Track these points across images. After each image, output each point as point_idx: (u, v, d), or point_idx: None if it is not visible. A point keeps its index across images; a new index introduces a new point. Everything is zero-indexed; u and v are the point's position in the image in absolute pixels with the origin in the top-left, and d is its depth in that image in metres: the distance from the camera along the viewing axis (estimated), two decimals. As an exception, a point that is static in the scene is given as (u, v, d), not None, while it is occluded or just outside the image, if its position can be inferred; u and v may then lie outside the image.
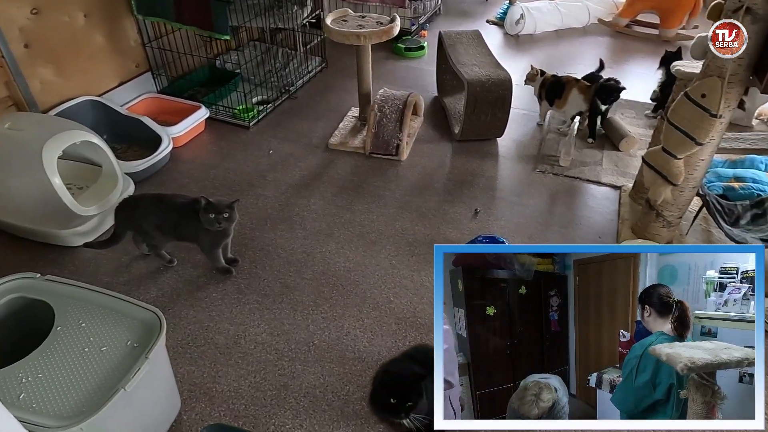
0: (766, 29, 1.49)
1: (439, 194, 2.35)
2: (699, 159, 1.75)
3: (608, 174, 2.44)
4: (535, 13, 3.83)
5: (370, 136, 2.53)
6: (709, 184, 2.34)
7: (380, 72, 3.43)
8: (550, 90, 2.69)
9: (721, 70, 1.56)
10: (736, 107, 2.77)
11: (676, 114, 1.69)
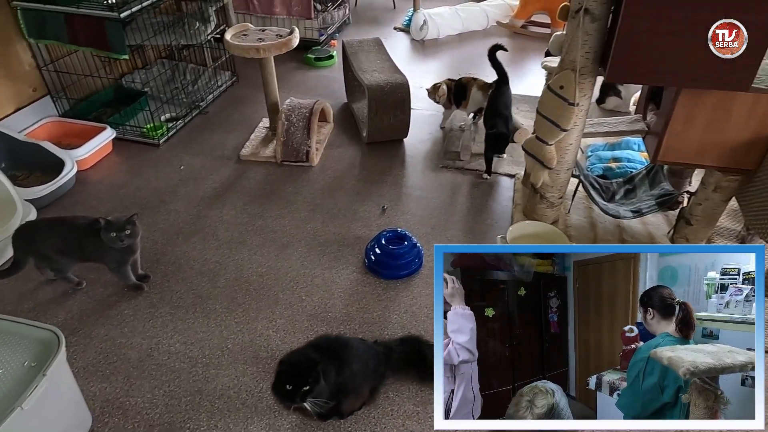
0: (605, 27, 1.70)
1: (349, 194, 2.46)
2: (567, 144, 1.95)
3: (504, 164, 2.65)
4: (437, 19, 4.04)
5: (280, 144, 2.61)
6: (592, 165, 2.60)
7: (292, 82, 3.51)
8: (456, 94, 2.85)
9: (573, 63, 1.76)
10: (614, 95, 3.08)
11: (542, 105, 1.89)
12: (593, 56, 1.74)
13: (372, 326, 1.81)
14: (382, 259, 1.99)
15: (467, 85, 2.82)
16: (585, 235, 2.16)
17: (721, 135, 1.75)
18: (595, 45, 1.72)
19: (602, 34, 1.71)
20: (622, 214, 2.13)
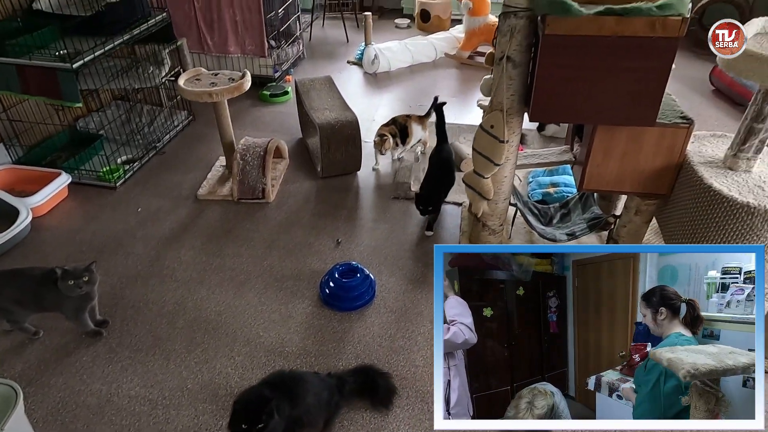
0: (526, 72, 1.88)
1: (305, 229, 2.56)
2: (503, 176, 2.11)
3: (452, 193, 2.79)
4: (387, 53, 4.23)
5: (236, 183, 2.69)
6: (532, 191, 2.78)
7: (248, 119, 3.61)
8: (400, 136, 2.97)
9: (501, 105, 1.93)
10: (553, 123, 3.28)
11: (477, 142, 2.05)
12: (518, 98, 1.92)
13: (327, 358, 1.90)
14: (336, 292, 2.09)
15: (406, 125, 2.95)
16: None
17: (636, 164, 1.94)
18: (519, 88, 1.89)
19: (524, 78, 1.89)
20: (558, 237, 2.30)
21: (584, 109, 1.80)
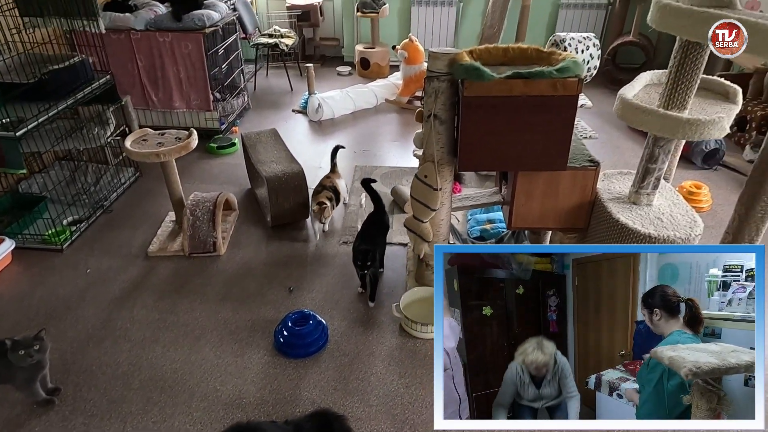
0: (452, 127, 2.09)
1: (258, 279, 2.64)
2: (439, 219, 2.30)
3: (397, 234, 2.96)
4: (330, 102, 4.44)
5: (187, 238, 2.75)
6: (471, 228, 2.99)
7: (196, 172, 3.68)
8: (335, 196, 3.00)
9: (432, 156, 2.13)
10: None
11: (414, 190, 2.23)
12: (447, 150, 2.12)
13: (284, 406, 1.97)
14: (290, 340, 2.18)
15: (333, 185, 3.03)
16: (468, 294, 2.48)
17: (555, 203, 2.17)
18: (447, 141, 2.10)
19: (451, 133, 2.09)
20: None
21: (504, 158, 2.02)
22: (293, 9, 5.55)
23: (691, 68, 1.77)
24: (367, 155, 3.95)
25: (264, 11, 5.83)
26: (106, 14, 3.67)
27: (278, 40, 5.05)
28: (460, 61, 1.91)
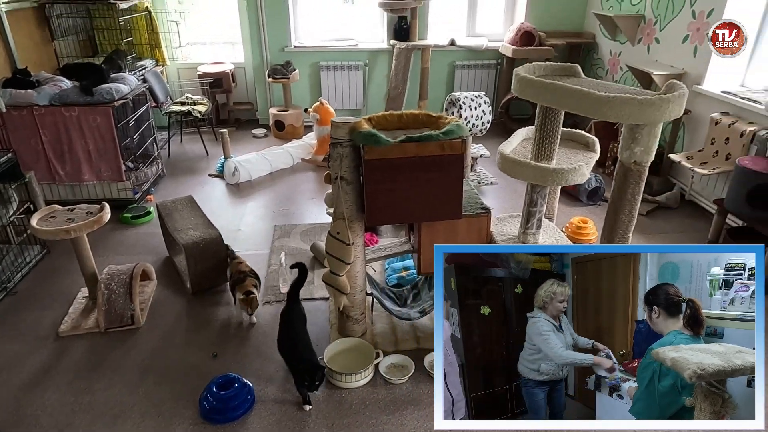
0: (359, 186, 2.29)
1: (180, 347, 2.62)
2: (355, 272, 2.45)
3: (319, 289, 3.07)
4: (246, 165, 4.55)
5: (102, 313, 2.69)
6: (389, 277, 3.16)
7: (110, 244, 3.60)
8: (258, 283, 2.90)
9: (342, 214, 2.30)
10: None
11: (328, 246, 2.38)
12: (355, 208, 2.31)
13: (213, 473, 1.96)
14: (216, 406, 2.18)
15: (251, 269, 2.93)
16: (388, 339, 2.62)
17: (457, 248, 2.41)
18: (355, 200, 2.29)
19: (358, 192, 2.29)
20: (412, 316, 2.66)
21: (407, 212, 2.24)
22: (205, 77, 5.69)
23: (551, 127, 2.11)
24: (286, 214, 4.07)
25: (175, 80, 5.92)
26: (7, 91, 3.61)
27: (191, 108, 5.13)
28: (359, 129, 2.13)
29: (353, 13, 6.22)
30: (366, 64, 5.89)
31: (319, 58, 5.83)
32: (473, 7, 5.96)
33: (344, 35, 6.08)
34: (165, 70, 5.71)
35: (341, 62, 5.81)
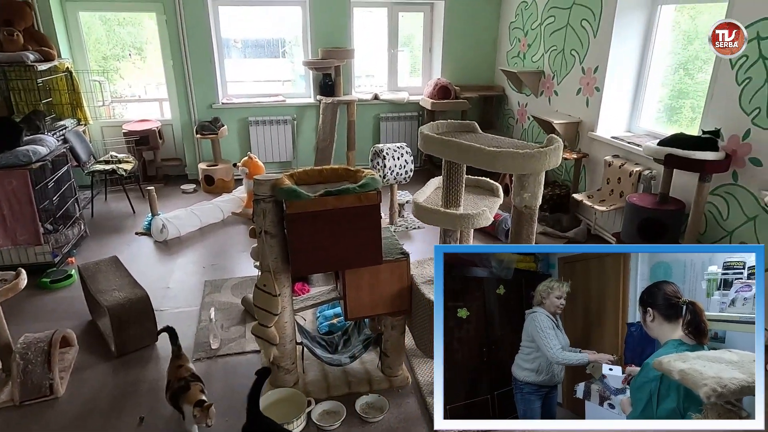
0: (283, 239, 2.39)
1: (104, 414, 2.54)
2: (283, 322, 2.52)
3: (250, 342, 3.08)
4: (175, 221, 4.53)
5: (17, 386, 2.57)
6: (320, 325, 3.23)
7: (27, 311, 3.44)
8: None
9: (268, 267, 2.39)
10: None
11: (255, 299, 2.45)
12: (281, 260, 2.40)
13: None
14: (143, 471, 2.13)
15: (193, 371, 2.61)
16: (320, 386, 2.68)
17: (381, 292, 2.54)
18: (280, 252, 2.39)
19: (282, 244, 2.40)
20: (343, 361, 2.74)
21: (330, 261, 2.37)
22: (131, 135, 5.66)
23: (455, 178, 2.34)
24: (217, 269, 4.07)
25: (99, 139, 5.84)
26: None
27: (115, 166, 5.07)
28: (281, 186, 2.27)
29: (280, 70, 6.48)
30: (294, 118, 6.10)
31: (247, 113, 5.98)
32: (393, 64, 6.38)
33: (272, 91, 6.29)
34: (88, 129, 5.62)
35: (270, 117, 5.98)
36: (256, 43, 6.31)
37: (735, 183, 3.25)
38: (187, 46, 5.59)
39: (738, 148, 3.18)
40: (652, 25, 4.15)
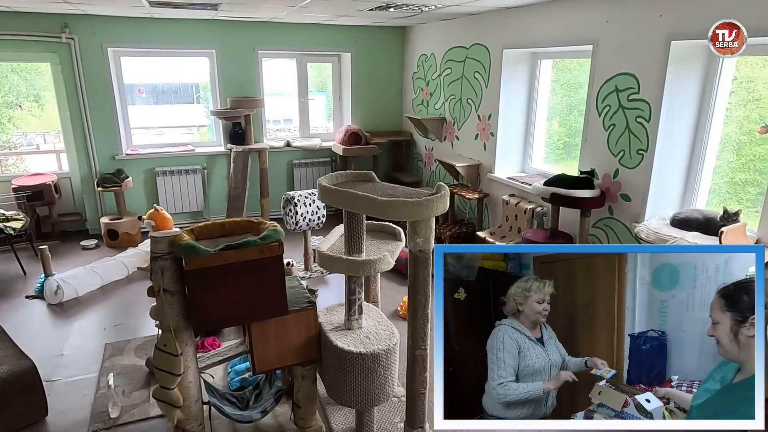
0: (182, 297, 2.34)
1: (-19, 507, 2.28)
2: (187, 382, 2.43)
3: (156, 407, 2.92)
4: (72, 281, 4.24)
5: None
6: (231, 380, 3.14)
7: None
8: None
9: (169, 326, 2.32)
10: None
11: (156, 361, 2.35)
12: (182, 317, 2.34)
13: None
14: None
15: None
16: (230, 447, 2.59)
17: (289, 342, 2.54)
18: (181, 310, 2.33)
19: (183, 302, 2.34)
20: (253, 417, 2.67)
21: (234, 315, 2.34)
22: (21, 190, 5.28)
23: (356, 226, 2.44)
24: (120, 329, 3.84)
25: (-16, 195, 5.39)
26: None
27: (3, 225, 4.69)
28: (179, 242, 2.24)
29: (194, 115, 6.40)
30: (204, 167, 6.00)
31: (154, 164, 5.81)
32: (305, 112, 6.53)
33: (181, 140, 6.18)
34: (-30, 187, 5.18)
35: (178, 167, 5.85)
36: (167, 88, 6.21)
37: (611, 216, 3.63)
38: (86, 96, 5.38)
39: (611, 186, 3.58)
40: (534, 77, 4.62)
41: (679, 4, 2.96)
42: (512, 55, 4.52)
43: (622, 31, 3.36)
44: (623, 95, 3.41)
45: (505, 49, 4.50)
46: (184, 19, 5.44)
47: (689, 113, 3.21)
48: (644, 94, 3.25)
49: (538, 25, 4.09)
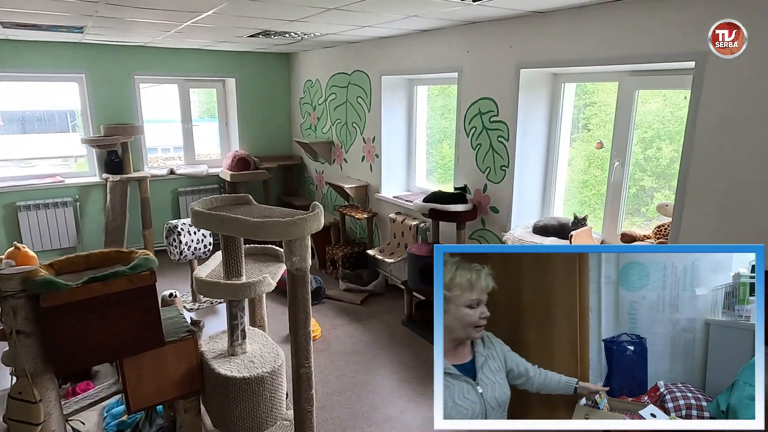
0: (40, 337, 2.16)
1: None
2: (51, 431, 2.23)
3: (15, 465, 2.62)
4: None
5: None
6: (107, 426, 2.92)
7: None
8: None
9: (25, 371, 2.12)
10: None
11: (10, 412, 2.13)
12: (41, 360, 2.15)
13: None
14: None
15: None
16: (105, 497, 2.40)
17: (169, 375, 2.43)
18: (39, 351, 2.15)
19: (41, 342, 2.16)
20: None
21: (103, 351, 2.21)
22: None
23: (233, 249, 2.43)
24: (-28, 385, 3.40)
25: None
26: None
27: None
28: (34, 277, 2.08)
29: (62, 149, 5.91)
30: (76, 200, 5.56)
31: (15, 198, 5.27)
32: (189, 138, 6.32)
33: (48, 171, 5.67)
34: None
35: (45, 200, 5.36)
36: (34, 115, 5.68)
37: (484, 228, 3.95)
38: (-73, 126, 4.77)
39: (481, 200, 3.90)
40: (412, 102, 4.92)
41: (524, 37, 3.36)
42: (390, 81, 4.79)
43: (480, 60, 3.72)
44: (486, 117, 3.76)
45: (383, 75, 4.75)
46: (48, 41, 5.07)
47: (541, 132, 3.62)
48: (502, 116, 3.61)
49: (411, 53, 4.39)
